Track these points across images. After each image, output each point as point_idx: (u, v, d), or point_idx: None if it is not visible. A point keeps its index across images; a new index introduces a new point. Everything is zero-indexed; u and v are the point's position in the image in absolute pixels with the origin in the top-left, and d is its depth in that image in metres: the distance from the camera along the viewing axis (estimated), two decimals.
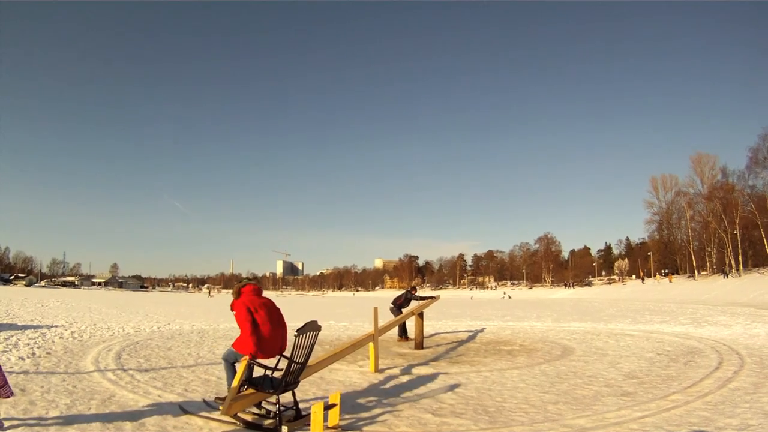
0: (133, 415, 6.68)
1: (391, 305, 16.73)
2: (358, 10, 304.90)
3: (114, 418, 6.49)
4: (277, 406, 6.22)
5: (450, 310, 35.14)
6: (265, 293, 7.30)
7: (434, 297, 17.42)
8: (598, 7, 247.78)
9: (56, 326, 18.70)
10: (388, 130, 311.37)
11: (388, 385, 9.29)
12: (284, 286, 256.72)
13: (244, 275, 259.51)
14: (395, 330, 15.81)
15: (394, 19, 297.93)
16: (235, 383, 6.10)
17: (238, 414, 6.53)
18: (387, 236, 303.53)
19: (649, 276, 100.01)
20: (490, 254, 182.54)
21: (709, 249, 79.19)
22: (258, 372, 6.70)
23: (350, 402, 7.83)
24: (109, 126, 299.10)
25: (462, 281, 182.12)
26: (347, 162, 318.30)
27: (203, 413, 6.86)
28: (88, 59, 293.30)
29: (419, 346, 14.62)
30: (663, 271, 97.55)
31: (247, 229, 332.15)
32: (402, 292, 17.46)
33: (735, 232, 68.18)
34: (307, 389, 8.86)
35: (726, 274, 67.81)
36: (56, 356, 11.82)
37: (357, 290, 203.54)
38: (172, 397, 7.93)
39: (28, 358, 11.38)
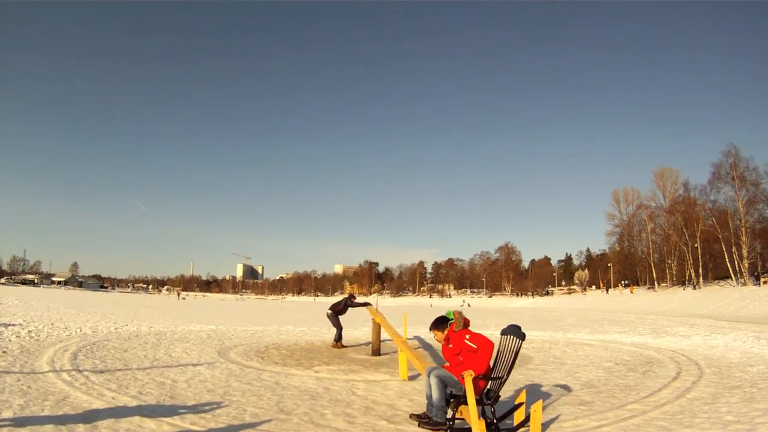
0: (86, 417, 6.65)
1: (329, 311, 16.82)
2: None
3: (67, 420, 6.46)
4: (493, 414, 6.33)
5: (408, 318, 35.08)
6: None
7: (368, 303, 17.61)
8: (563, 17, 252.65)
9: (13, 325, 18.46)
10: (349, 136, 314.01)
11: (343, 392, 9.25)
12: (244, 290, 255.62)
13: (204, 278, 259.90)
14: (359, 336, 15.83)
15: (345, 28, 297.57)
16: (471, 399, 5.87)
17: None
18: (347, 242, 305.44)
19: (612, 287, 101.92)
20: (450, 262, 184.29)
21: (670, 261, 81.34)
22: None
23: (304, 407, 7.81)
24: (71, 124, 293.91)
25: (421, 288, 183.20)
26: (309, 167, 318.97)
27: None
28: (49, 56, 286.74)
29: (376, 352, 14.65)
30: (623, 282, 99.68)
31: (208, 231, 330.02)
32: (341, 298, 17.54)
33: (696, 245, 70.00)
34: (261, 393, 8.82)
35: (694, 286, 69.47)
36: (12, 355, 11.75)
37: (317, 295, 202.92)
38: (126, 399, 7.90)
39: None
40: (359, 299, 18.93)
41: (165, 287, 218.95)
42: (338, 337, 16.30)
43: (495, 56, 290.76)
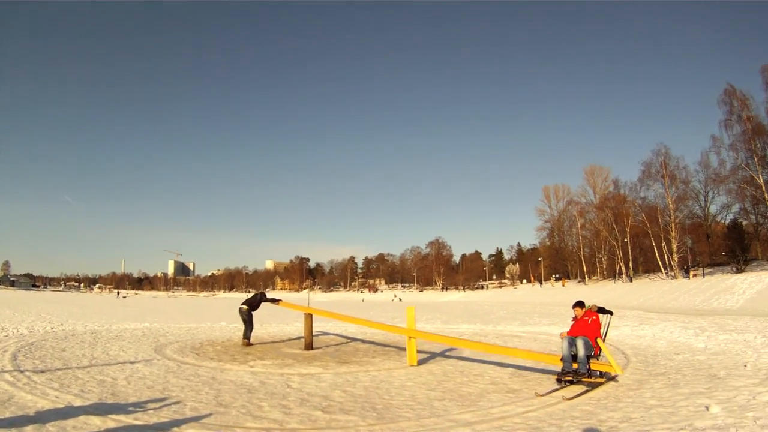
0: (33, 417, 6.76)
1: (245, 306, 16.55)
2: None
3: (15, 420, 6.57)
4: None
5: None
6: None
7: (279, 300, 18.12)
8: (501, 12, 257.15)
9: None
10: (281, 132, 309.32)
11: (278, 385, 9.50)
12: (176, 287, 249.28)
13: (135, 275, 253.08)
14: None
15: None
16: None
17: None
18: (278, 238, 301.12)
19: (544, 281, 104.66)
20: (381, 257, 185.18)
21: (600, 255, 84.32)
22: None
23: (242, 401, 8.05)
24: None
25: (353, 283, 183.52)
26: (241, 162, 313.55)
27: None
28: None
29: (309, 346, 15.06)
30: (555, 276, 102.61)
31: (139, 228, 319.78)
32: (252, 294, 17.67)
33: (626, 240, 72.72)
34: (199, 388, 9.03)
35: (630, 278, 72.00)
36: None
37: (249, 291, 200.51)
38: (69, 398, 8.00)
39: None
40: (276, 295, 19.08)
41: (97, 285, 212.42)
42: (249, 335, 16.20)
43: (418, 51, 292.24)
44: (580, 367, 9.27)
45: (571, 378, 9.29)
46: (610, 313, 10.08)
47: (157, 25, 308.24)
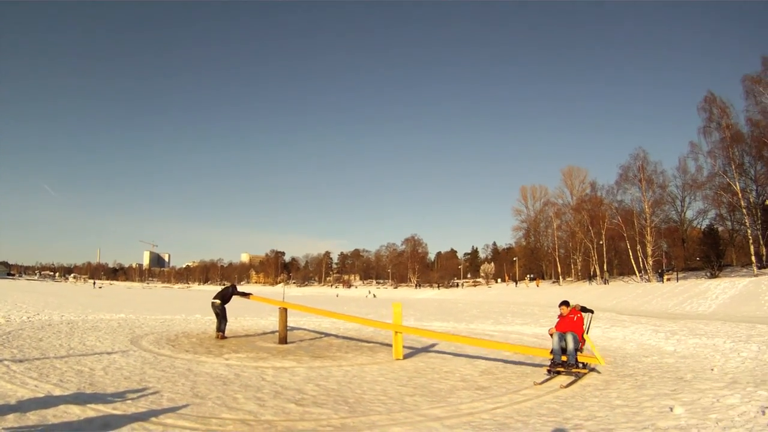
0: (14, 406, 6.88)
1: (217, 300, 16.36)
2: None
3: None
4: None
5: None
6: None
7: (250, 294, 18.16)
8: (483, 12, 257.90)
9: None
10: (259, 126, 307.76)
11: (253, 378, 9.69)
12: (150, 278, 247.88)
13: (110, 265, 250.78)
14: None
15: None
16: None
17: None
18: (254, 231, 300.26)
19: (519, 280, 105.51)
20: (356, 253, 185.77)
21: (575, 257, 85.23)
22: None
23: (217, 392, 8.22)
24: None
25: (327, 279, 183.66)
26: (217, 155, 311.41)
27: None
28: None
29: (283, 340, 15.26)
30: (530, 276, 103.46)
31: (114, 218, 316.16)
32: (223, 287, 17.56)
33: (601, 242, 73.57)
34: (176, 380, 9.21)
35: (606, 281, 72.78)
36: None
37: (224, 284, 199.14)
38: (49, 387, 8.14)
39: None
40: (250, 289, 19.09)
41: (72, 275, 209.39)
42: (224, 328, 16.21)
43: (399, 49, 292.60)
44: (569, 359, 10.56)
45: (561, 369, 10.57)
46: (591, 311, 11.56)
47: (142, 18, 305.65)
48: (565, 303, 11.54)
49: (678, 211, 70.63)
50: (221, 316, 16.15)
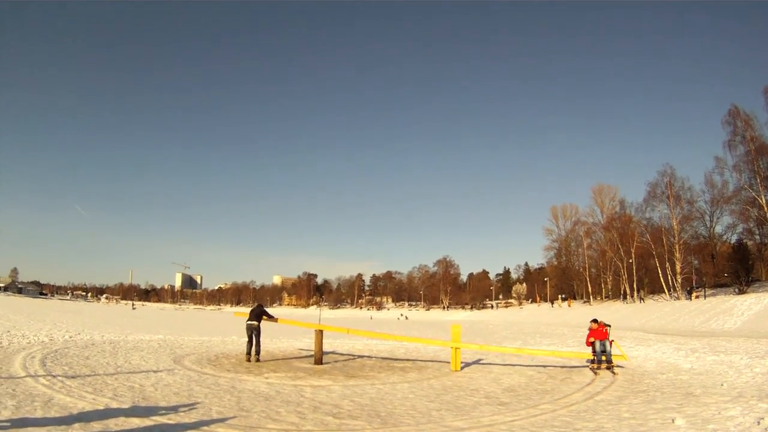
0: (77, 416, 7.54)
1: (255, 322, 16.45)
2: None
3: (63, 419, 7.31)
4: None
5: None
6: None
7: (276, 318, 18.41)
8: (513, 26, 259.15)
9: None
10: (289, 146, 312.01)
11: (292, 394, 10.55)
12: (182, 300, 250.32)
13: (142, 286, 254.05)
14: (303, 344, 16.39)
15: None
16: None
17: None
18: (286, 253, 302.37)
19: (552, 301, 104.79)
20: (388, 275, 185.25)
21: (605, 276, 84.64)
22: None
23: (261, 407, 9.04)
24: (10, 126, 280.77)
25: (360, 301, 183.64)
26: (248, 177, 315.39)
27: None
28: None
29: (319, 361, 16.07)
30: (562, 296, 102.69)
31: (147, 239, 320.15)
32: (256, 306, 17.53)
33: (631, 260, 73.16)
34: (221, 395, 9.84)
35: (641, 299, 72.20)
36: None
37: (252, 306, 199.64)
38: (105, 400, 8.85)
39: None
40: (282, 312, 19.46)
41: (104, 295, 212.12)
42: (258, 350, 16.32)
43: (432, 65, 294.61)
44: (607, 357, 15.32)
45: (599, 365, 15.27)
46: (609, 325, 16.31)
47: (177, 33, 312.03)
48: (595, 320, 16.24)
49: (707, 227, 69.78)
50: (257, 339, 16.19)
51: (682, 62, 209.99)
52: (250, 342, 16.28)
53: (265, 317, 17.01)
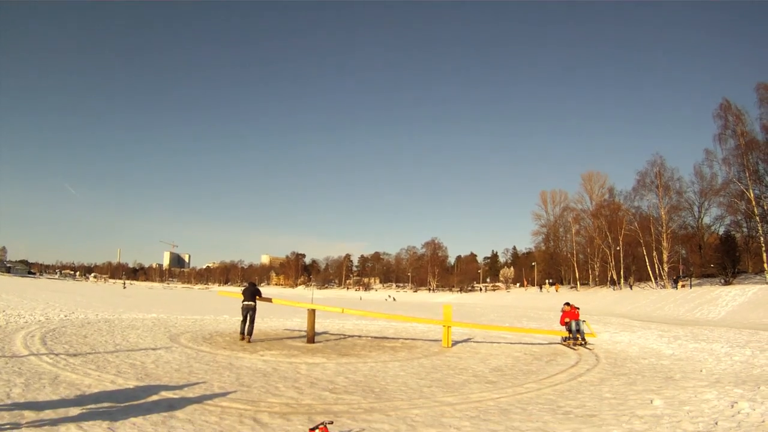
0: (85, 392, 7.95)
1: (251, 302, 16.40)
2: None
3: (72, 396, 7.65)
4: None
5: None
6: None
7: (270, 298, 19.15)
8: (503, 14, 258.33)
9: None
10: (278, 127, 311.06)
11: (289, 371, 10.99)
12: (170, 278, 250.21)
13: (130, 265, 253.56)
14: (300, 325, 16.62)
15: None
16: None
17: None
18: (274, 232, 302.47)
19: (540, 285, 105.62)
20: (376, 256, 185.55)
21: (593, 262, 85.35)
22: None
23: (260, 382, 9.46)
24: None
25: (348, 281, 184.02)
26: (238, 156, 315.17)
27: None
28: None
29: (311, 340, 16.48)
30: (549, 281, 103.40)
31: (135, 218, 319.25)
32: (245, 288, 17.19)
33: (618, 248, 73.80)
34: (221, 372, 10.21)
35: (630, 286, 73.04)
36: None
37: (243, 285, 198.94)
38: (111, 377, 9.21)
39: None
40: (272, 291, 19.65)
41: (92, 274, 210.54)
42: (251, 330, 16.22)
43: (419, 51, 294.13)
44: (582, 335, 17.73)
45: (575, 342, 17.53)
46: (578, 307, 18.83)
47: (161, 20, 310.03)
48: (567, 303, 18.74)
49: (695, 217, 70.69)
50: (252, 318, 16.11)
51: (678, 55, 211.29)
52: (244, 321, 16.15)
53: (258, 297, 16.99)
